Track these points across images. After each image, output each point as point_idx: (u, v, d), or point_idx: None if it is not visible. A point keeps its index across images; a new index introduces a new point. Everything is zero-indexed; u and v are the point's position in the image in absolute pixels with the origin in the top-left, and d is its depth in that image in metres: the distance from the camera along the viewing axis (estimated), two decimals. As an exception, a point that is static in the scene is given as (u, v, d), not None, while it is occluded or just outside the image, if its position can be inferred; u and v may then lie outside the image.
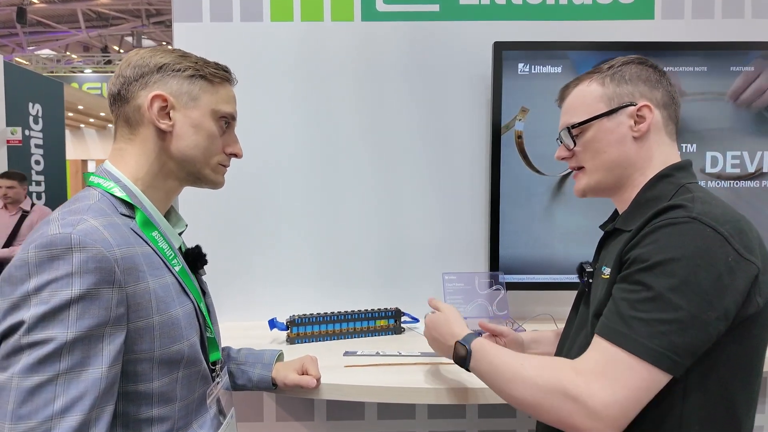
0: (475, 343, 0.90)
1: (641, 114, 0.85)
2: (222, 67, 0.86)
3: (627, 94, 0.87)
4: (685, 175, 0.85)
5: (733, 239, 0.72)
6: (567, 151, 0.93)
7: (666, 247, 0.73)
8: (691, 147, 1.51)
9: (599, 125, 0.87)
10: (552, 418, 0.76)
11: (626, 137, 0.86)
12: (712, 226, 0.72)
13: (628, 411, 0.72)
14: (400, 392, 1.10)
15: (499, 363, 0.84)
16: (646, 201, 0.85)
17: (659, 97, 0.87)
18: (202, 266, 0.91)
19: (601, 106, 0.87)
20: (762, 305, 0.73)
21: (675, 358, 0.70)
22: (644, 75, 0.88)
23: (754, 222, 0.79)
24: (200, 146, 0.83)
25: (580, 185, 0.93)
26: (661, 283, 0.71)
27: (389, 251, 1.64)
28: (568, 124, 0.91)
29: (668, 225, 0.74)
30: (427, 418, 1.56)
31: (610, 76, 0.88)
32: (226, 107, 0.85)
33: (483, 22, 1.60)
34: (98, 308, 0.65)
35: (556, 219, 1.53)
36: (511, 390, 0.81)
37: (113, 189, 0.77)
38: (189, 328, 0.78)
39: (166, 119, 0.80)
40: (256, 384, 1.06)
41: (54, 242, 0.65)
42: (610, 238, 0.92)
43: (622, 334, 0.73)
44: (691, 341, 0.70)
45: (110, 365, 0.66)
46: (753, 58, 1.48)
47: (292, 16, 1.59)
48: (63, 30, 11.43)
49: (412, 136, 1.63)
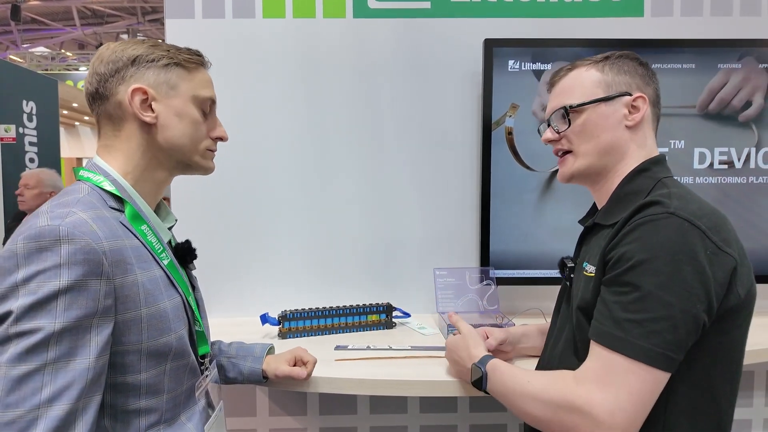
0: (489, 365, 0.91)
1: (636, 105, 0.87)
2: (194, 51, 0.86)
3: (625, 84, 0.88)
4: (661, 170, 0.87)
5: (711, 233, 0.74)
6: (556, 134, 0.93)
7: (648, 244, 0.74)
8: (680, 143, 1.53)
9: (596, 109, 0.88)
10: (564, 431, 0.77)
11: (620, 125, 0.87)
12: (689, 221, 0.74)
13: (635, 416, 0.72)
14: (392, 385, 1.11)
15: (509, 382, 0.86)
16: (625, 195, 0.86)
17: (650, 93, 0.89)
18: (192, 261, 0.92)
19: (599, 92, 0.88)
20: (743, 296, 0.75)
21: (671, 355, 0.71)
22: (640, 71, 0.90)
23: (742, 218, 0.81)
24: (187, 134, 0.83)
25: (568, 169, 0.92)
26: (649, 282, 0.72)
27: (381, 246, 1.65)
28: (564, 104, 0.90)
29: (648, 222, 0.75)
30: (419, 412, 1.57)
31: (609, 65, 0.89)
32: (205, 91, 0.85)
33: (474, 19, 1.60)
34: (86, 299, 0.66)
35: (546, 215, 1.54)
36: (523, 407, 0.82)
37: (103, 183, 0.78)
38: (177, 320, 0.79)
39: (149, 111, 0.80)
40: (247, 377, 1.07)
41: (42, 234, 0.66)
42: (590, 234, 0.93)
43: (617, 338, 0.73)
44: (683, 336, 0.71)
45: (98, 356, 0.67)
46: (741, 55, 1.50)
47: (284, 12, 1.60)
48: (58, 27, 11.36)
49: (404, 132, 1.64)
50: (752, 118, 1.51)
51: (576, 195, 1.52)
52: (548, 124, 0.94)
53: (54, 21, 11.12)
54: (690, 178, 1.53)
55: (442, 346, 1.31)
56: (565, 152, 0.93)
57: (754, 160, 1.53)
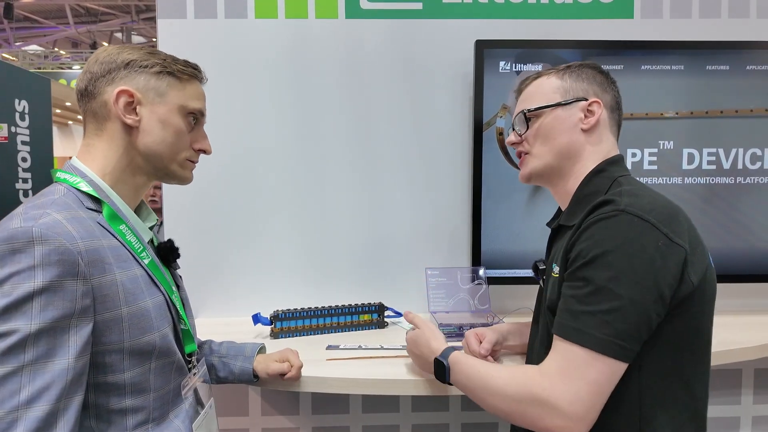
0: (452, 357, 0.93)
1: (591, 109, 0.92)
2: (191, 64, 0.87)
3: (581, 90, 0.93)
4: (617, 169, 0.91)
5: (661, 225, 0.77)
6: (518, 137, 0.99)
7: (600, 241, 0.78)
8: (669, 144, 1.54)
9: (553, 113, 0.93)
10: (526, 423, 0.79)
11: (576, 128, 0.92)
12: (639, 216, 0.77)
13: (593, 405, 0.75)
14: (384, 384, 1.12)
15: (473, 376, 0.88)
16: (585, 196, 0.90)
17: (608, 99, 0.95)
18: (175, 260, 0.92)
19: (557, 97, 0.94)
20: (696, 283, 0.78)
21: (622, 344, 0.74)
22: (598, 79, 0.95)
23: (729, 218, 0.83)
24: (166, 141, 0.83)
25: (526, 170, 0.98)
26: (601, 276, 0.76)
27: (372, 246, 1.66)
28: (524, 109, 0.96)
29: (600, 220, 0.79)
30: (411, 411, 1.58)
31: (569, 73, 0.95)
32: (194, 103, 0.86)
33: (465, 20, 1.61)
34: (62, 300, 0.66)
35: (536, 215, 1.55)
36: (486, 400, 0.85)
37: (79, 184, 0.78)
38: (160, 319, 0.79)
39: (133, 114, 0.81)
40: (238, 376, 1.08)
41: (15, 236, 0.66)
42: (557, 235, 0.97)
43: (573, 329, 0.77)
44: (633, 326, 0.75)
45: (77, 356, 0.67)
46: (729, 57, 1.51)
47: (277, 13, 1.60)
48: (51, 25, 11.29)
49: (395, 133, 1.64)
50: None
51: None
52: (512, 128, 1.01)
53: (47, 19, 11.05)
54: (679, 179, 1.55)
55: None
56: (526, 153, 0.99)
57: (742, 161, 1.55)
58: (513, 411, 0.80)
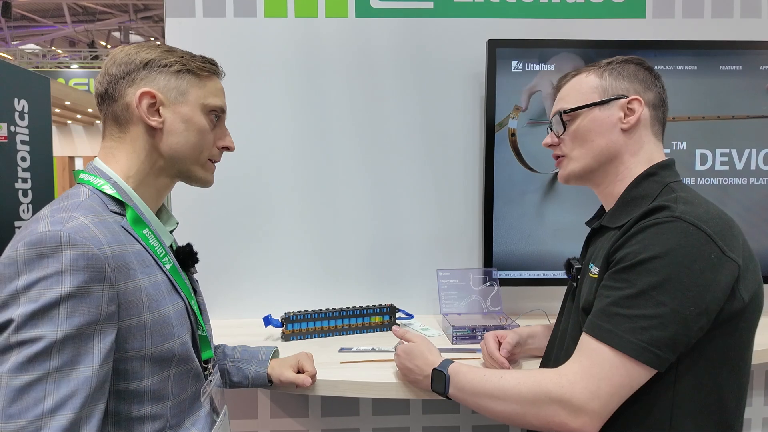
0: (451, 368, 0.92)
1: (631, 107, 0.88)
2: (209, 60, 0.85)
3: (621, 88, 0.89)
4: (669, 174, 0.88)
5: (717, 237, 0.75)
6: (555, 138, 0.95)
7: (650, 245, 0.75)
8: (681, 144, 1.53)
9: (591, 114, 0.90)
10: (540, 423, 0.78)
11: (615, 128, 0.89)
12: (695, 225, 0.75)
13: (608, 406, 0.74)
14: (396, 388, 1.11)
15: (477, 383, 0.86)
16: (632, 199, 0.87)
17: (651, 97, 0.90)
18: (194, 264, 0.91)
19: (595, 96, 0.90)
20: (747, 300, 0.76)
21: (656, 352, 0.72)
22: (641, 75, 0.91)
23: (742, 219, 0.82)
24: (190, 142, 0.82)
25: (565, 171, 0.95)
26: (644, 281, 0.74)
27: (383, 248, 1.65)
28: (561, 109, 0.93)
29: (653, 225, 0.77)
30: (422, 413, 1.57)
31: (609, 70, 0.91)
32: (215, 100, 0.85)
33: (477, 19, 1.60)
34: (88, 306, 0.65)
35: (548, 216, 1.54)
36: (495, 406, 0.83)
37: (103, 186, 0.77)
38: (180, 326, 0.78)
39: (156, 116, 0.80)
40: (252, 381, 1.06)
41: (43, 240, 0.65)
42: (596, 235, 0.94)
43: (605, 330, 0.75)
44: (672, 336, 0.72)
45: (101, 363, 0.66)
46: (742, 57, 1.51)
47: (286, 11, 1.58)
48: (48, 24, 11.23)
49: (406, 133, 1.63)
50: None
51: (578, 196, 1.52)
52: (550, 128, 0.97)
53: (44, 18, 10.99)
54: (692, 179, 1.54)
55: (447, 348, 1.31)
56: (562, 156, 0.95)
57: (755, 162, 1.54)
58: (525, 412, 0.78)
